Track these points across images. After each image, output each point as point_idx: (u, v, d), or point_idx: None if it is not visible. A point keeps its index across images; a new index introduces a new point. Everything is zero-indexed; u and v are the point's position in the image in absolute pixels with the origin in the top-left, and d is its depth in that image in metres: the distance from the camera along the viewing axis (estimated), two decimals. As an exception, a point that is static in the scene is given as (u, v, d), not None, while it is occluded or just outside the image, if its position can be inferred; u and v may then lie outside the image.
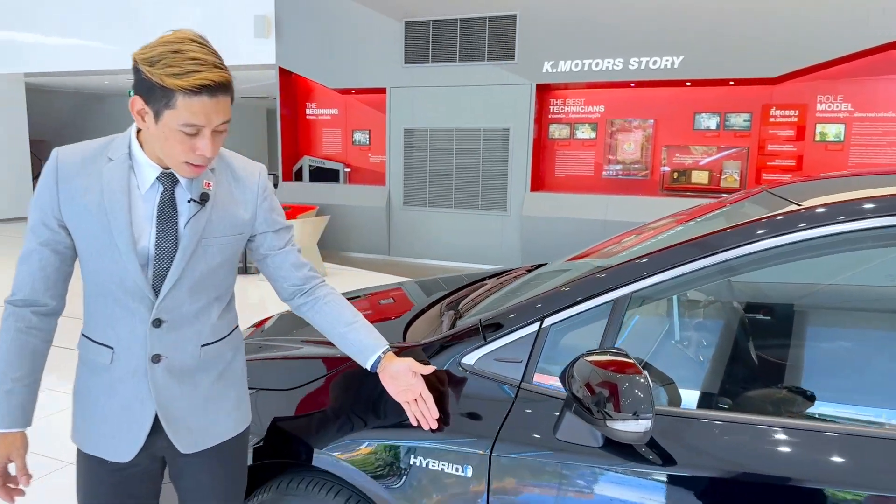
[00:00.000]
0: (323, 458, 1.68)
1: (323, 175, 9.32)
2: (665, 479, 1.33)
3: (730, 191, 7.40)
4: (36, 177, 13.28)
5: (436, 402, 1.55)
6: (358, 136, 9.28)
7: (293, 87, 9.36)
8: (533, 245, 7.72)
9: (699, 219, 1.90)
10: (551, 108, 8.13)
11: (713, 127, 7.53)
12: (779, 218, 1.42)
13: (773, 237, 1.38)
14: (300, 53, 8.79)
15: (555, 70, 7.55)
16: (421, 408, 1.54)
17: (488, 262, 7.91)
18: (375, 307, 2.62)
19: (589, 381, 1.32)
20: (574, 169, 8.17)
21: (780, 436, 1.31)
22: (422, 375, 1.56)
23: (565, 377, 1.40)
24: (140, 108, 1.26)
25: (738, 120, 7.43)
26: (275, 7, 8.80)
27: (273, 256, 1.55)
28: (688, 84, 7.38)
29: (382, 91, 8.49)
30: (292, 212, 8.06)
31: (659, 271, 1.48)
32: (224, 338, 1.50)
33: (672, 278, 1.47)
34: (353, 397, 1.73)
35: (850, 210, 1.35)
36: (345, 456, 1.64)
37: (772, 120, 7.28)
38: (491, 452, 1.49)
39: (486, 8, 7.69)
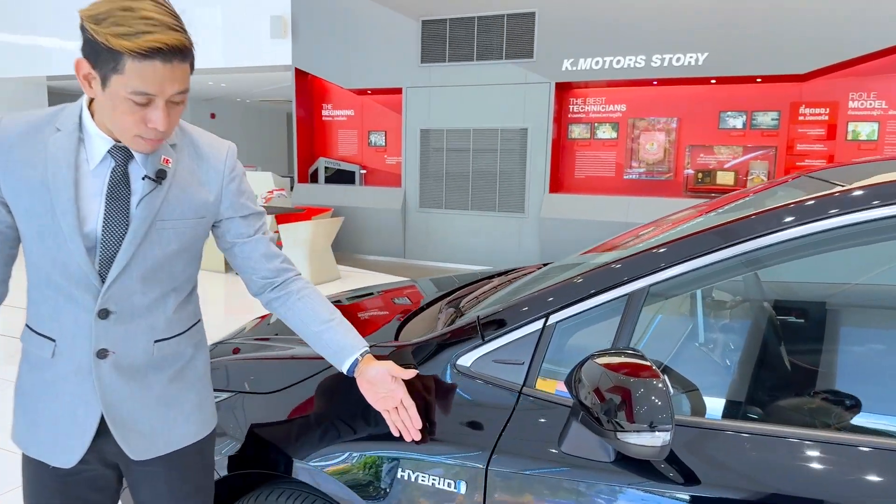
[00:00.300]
0: (303, 469, 1.51)
1: (338, 177, 9.21)
2: (687, 499, 1.14)
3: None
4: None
5: (421, 410, 1.39)
6: (374, 138, 9.16)
7: (309, 88, 9.28)
8: (551, 248, 7.51)
9: (726, 207, 1.70)
10: (571, 107, 7.94)
11: (739, 126, 7.27)
12: (825, 199, 1.22)
13: (818, 220, 1.18)
14: (316, 54, 8.70)
15: (575, 68, 7.35)
16: (402, 417, 1.37)
17: (505, 266, 7.72)
18: (389, 305, 2.45)
19: (598, 387, 1.14)
20: (594, 170, 7.95)
21: (818, 451, 1.11)
22: (405, 380, 1.39)
23: (572, 381, 1.21)
24: (86, 72, 1.11)
25: (766, 119, 7.16)
26: (291, 7, 8.73)
27: (241, 245, 1.40)
28: (713, 82, 7.14)
29: (398, 91, 8.36)
30: (307, 213, 7.96)
31: (680, 262, 1.29)
32: (182, 333, 1.35)
33: (695, 269, 1.28)
34: (339, 402, 1.56)
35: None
36: (326, 467, 1.47)
37: (801, 118, 7.00)
38: (487, 466, 1.31)
39: (505, 5, 7.53)
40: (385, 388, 1.38)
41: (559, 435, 1.27)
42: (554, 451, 1.27)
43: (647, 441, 1.05)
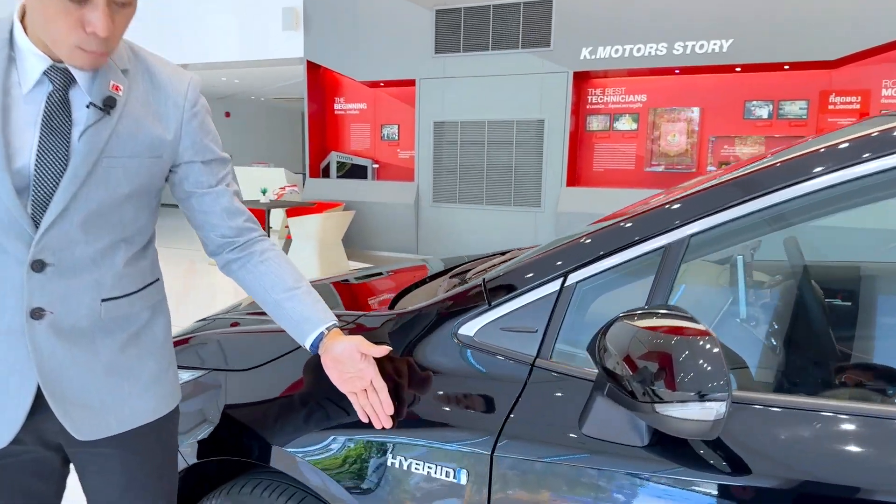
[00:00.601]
0: (282, 457, 1.30)
1: (351, 171, 9.04)
2: (739, 490, 0.91)
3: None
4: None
5: (393, 392, 1.20)
6: (387, 131, 8.98)
7: (321, 82, 9.13)
8: (568, 243, 7.24)
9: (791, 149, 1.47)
10: (589, 97, 7.69)
11: (765, 116, 6.98)
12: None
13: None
14: (328, 46, 8.55)
15: (593, 57, 7.11)
16: (372, 401, 1.18)
17: (521, 261, 7.47)
18: (400, 286, 2.24)
19: (629, 353, 0.92)
20: (614, 162, 7.69)
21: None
22: (376, 359, 1.20)
23: (596, 348, 0.99)
24: None
25: (793, 108, 6.86)
26: (303, -1, 8.59)
27: (200, 197, 1.20)
28: (737, 70, 6.86)
29: (412, 83, 8.17)
30: (318, 208, 7.80)
31: (730, 206, 1.06)
32: (135, 293, 1.15)
33: (752, 213, 1.05)
34: (324, 381, 1.34)
35: None
36: (308, 455, 1.26)
37: (831, 107, 6.69)
38: (493, 452, 1.09)
39: (521, -6, 7.32)
40: (353, 368, 1.18)
41: (580, 415, 1.05)
42: (573, 434, 1.05)
43: (696, 414, 0.82)
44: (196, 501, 1.53)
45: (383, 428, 1.18)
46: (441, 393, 1.20)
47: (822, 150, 1.03)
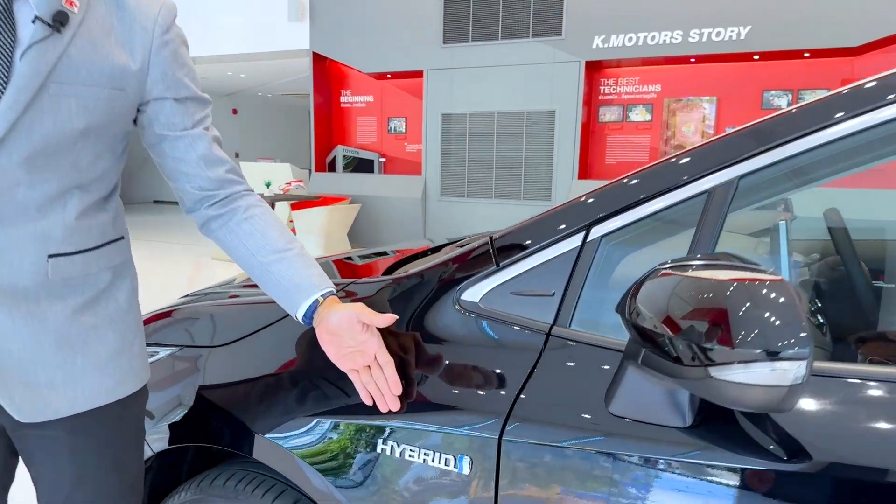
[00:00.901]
0: (262, 446, 1.13)
1: (357, 165, 8.88)
2: (809, 484, 0.72)
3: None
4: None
5: (399, 370, 1.01)
6: (394, 124, 8.81)
7: (327, 74, 8.97)
8: (580, 237, 7.04)
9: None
10: (602, 88, 7.48)
11: (784, 106, 6.75)
12: None
13: None
14: (334, 36, 8.39)
15: (606, 45, 6.91)
16: (376, 378, 1.00)
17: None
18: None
19: (670, 312, 0.74)
20: (627, 155, 7.48)
21: None
22: (380, 331, 1.02)
23: (626, 307, 0.81)
24: None
25: (814, 97, 6.62)
26: (310, -11, 8.44)
27: (173, 141, 1.02)
28: (755, 58, 6.63)
29: (419, 74, 7.99)
30: (323, 202, 7.65)
31: (789, 140, 0.88)
32: (92, 250, 0.97)
33: (808, 151, 0.87)
34: (313, 357, 1.16)
35: None
36: (289, 443, 1.09)
37: (853, 97, 6.45)
38: (501, 437, 0.91)
39: (531, -18, 7.13)
40: (352, 340, 1.00)
41: (606, 391, 0.87)
42: (598, 414, 0.86)
43: (765, 378, 0.63)
44: (168, 492, 1.36)
45: (389, 411, 0.99)
46: (441, 369, 1.02)
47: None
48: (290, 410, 1.10)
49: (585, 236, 0.98)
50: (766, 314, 0.64)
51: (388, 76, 8.53)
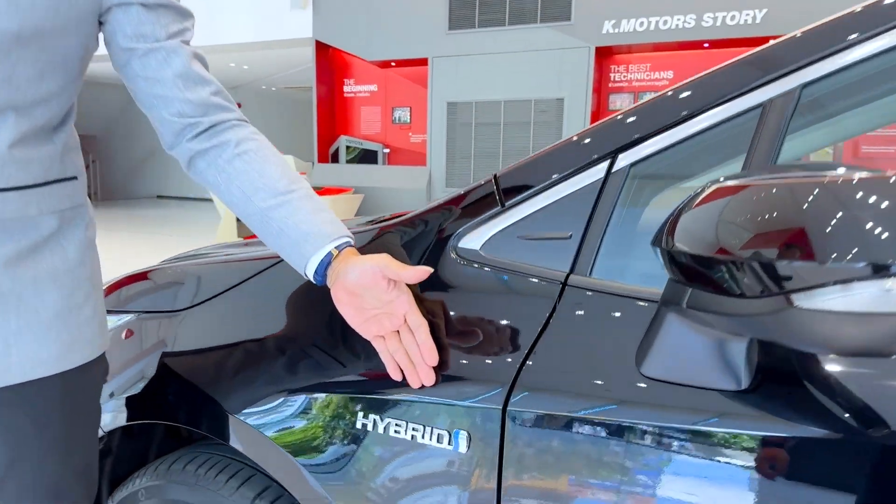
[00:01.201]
0: (230, 426, 0.96)
1: (361, 156, 8.72)
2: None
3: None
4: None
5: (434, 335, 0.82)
6: (398, 114, 8.65)
7: (330, 63, 8.83)
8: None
9: None
10: (612, 74, 7.31)
11: (801, 93, 6.54)
12: None
13: None
14: (337, 24, 8.24)
15: (616, 30, 6.73)
16: (407, 346, 0.81)
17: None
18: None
19: (722, 241, 0.56)
20: (636, 144, 7.31)
21: None
22: (410, 288, 0.85)
23: (664, 239, 0.63)
24: None
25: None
26: (312, -23, 8.29)
27: (143, 57, 0.84)
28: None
29: (424, 62, 7.84)
30: (324, 192, 7.49)
31: (874, 35, 0.70)
32: (32, 187, 0.80)
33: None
34: (303, 318, 0.99)
35: None
36: (261, 421, 0.92)
37: (872, 83, 6.25)
38: (505, 408, 0.74)
39: (539, -35, 6.95)
40: (376, 301, 0.82)
41: (638, 349, 0.69)
42: (628, 378, 0.69)
43: (874, 302, 0.46)
44: (126, 476, 1.19)
45: (422, 386, 0.80)
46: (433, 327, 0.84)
47: None
48: (264, 384, 0.93)
49: (610, 165, 0.81)
50: (868, 222, 0.47)
51: (392, 64, 8.37)
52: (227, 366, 0.98)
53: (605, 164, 0.81)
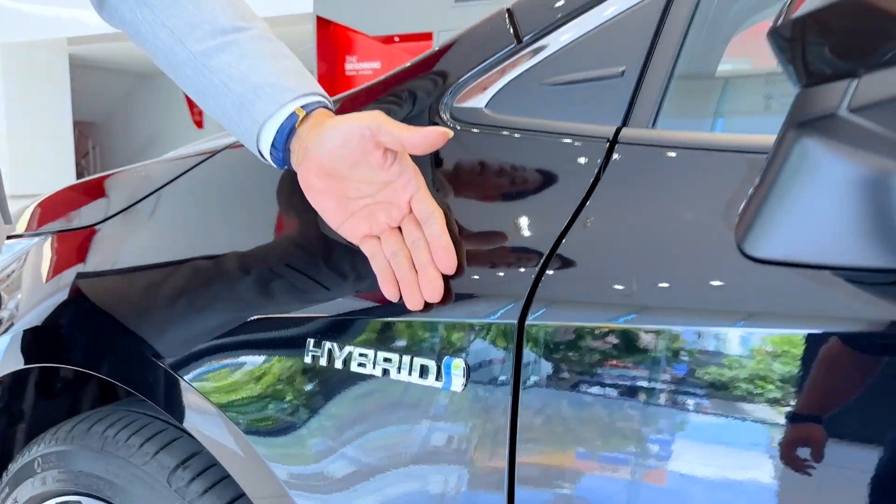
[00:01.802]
0: (147, 371, 0.70)
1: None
2: None
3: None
4: (79, 157, 12.95)
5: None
6: (402, 92, 8.39)
7: (332, 39, 8.58)
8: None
9: None
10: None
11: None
12: None
13: None
14: (339, -1, 7.99)
15: None
16: (413, 245, 0.54)
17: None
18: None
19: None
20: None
21: None
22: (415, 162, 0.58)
23: (793, 29, 0.35)
24: None
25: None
26: (314, -51, 8.04)
27: None
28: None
29: (429, 37, 7.55)
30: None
31: None
32: None
33: None
34: (262, 226, 0.72)
35: None
36: (188, 372, 0.65)
37: None
38: (523, 322, 0.47)
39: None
40: (366, 182, 0.55)
41: (739, 219, 0.42)
42: (724, 265, 0.42)
43: None
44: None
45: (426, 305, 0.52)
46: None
47: None
48: (183, 312, 0.67)
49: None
50: None
51: (396, 39, 8.11)
52: (135, 291, 0.72)
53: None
